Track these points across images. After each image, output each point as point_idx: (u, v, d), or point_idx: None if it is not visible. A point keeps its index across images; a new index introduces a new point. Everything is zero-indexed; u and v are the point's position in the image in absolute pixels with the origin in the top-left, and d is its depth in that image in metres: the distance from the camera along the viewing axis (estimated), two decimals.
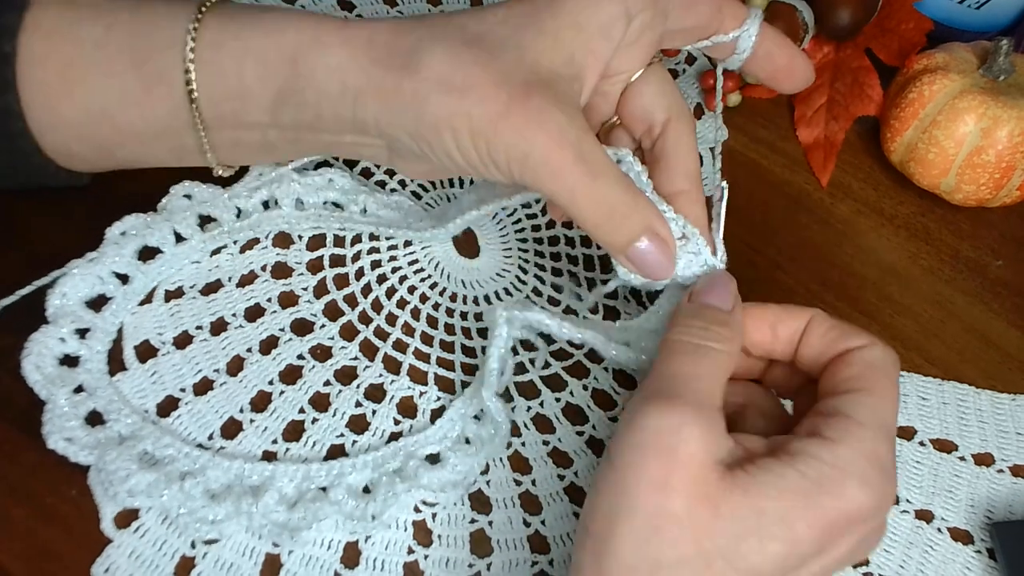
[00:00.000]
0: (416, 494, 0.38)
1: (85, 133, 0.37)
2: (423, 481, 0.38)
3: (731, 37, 0.38)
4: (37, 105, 0.36)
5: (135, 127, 0.37)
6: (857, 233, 0.51)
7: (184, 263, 0.43)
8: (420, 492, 0.38)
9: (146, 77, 0.35)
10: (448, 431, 0.40)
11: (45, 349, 0.39)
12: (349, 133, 0.36)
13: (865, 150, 0.54)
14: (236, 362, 0.41)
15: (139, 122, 0.36)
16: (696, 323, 0.34)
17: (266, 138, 0.37)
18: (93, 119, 0.36)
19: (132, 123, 0.36)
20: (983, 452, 0.44)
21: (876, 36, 0.54)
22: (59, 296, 0.40)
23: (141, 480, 0.36)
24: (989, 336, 0.48)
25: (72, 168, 0.38)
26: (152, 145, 0.37)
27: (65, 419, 0.37)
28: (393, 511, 0.38)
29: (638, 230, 0.35)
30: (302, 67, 0.34)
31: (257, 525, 0.37)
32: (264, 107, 0.35)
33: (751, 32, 0.38)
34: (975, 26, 0.56)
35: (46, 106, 0.36)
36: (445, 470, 0.38)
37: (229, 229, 0.43)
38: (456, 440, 0.40)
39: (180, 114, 0.36)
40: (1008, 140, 0.47)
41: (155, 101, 0.36)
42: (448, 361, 0.43)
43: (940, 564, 0.41)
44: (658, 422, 0.31)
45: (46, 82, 0.35)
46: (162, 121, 0.36)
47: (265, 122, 0.36)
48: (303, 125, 0.36)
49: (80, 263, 0.40)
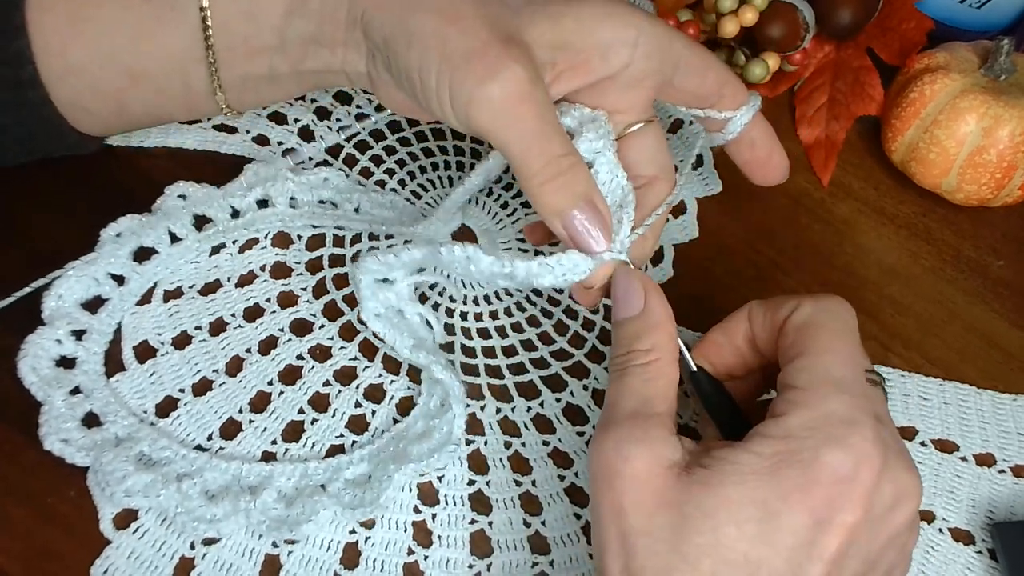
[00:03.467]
0: (407, 469, 0.38)
1: (97, 79, 0.37)
2: (412, 455, 0.38)
3: (723, 116, 0.39)
4: (48, 51, 0.36)
5: (146, 67, 0.37)
6: (858, 233, 0.51)
7: (180, 263, 0.43)
8: (412, 466, 0.38)
9: (159, 7, 0.36)
10: (430, 406, 0.40)
11: (41, 351, 0.39)
12: (340, 46, 0.37)
13: (866, 150, 0.54)
14: (235, 362, 0.41)
15: (150, 60, 0.37)
16: (619, 350, 0.34)
17: (272, 66, 0.38)
18: (105, 60, 0.36)
19: (143, 63, 0.37)
20: (984, 452, 0.43)
21: (877, 35, 0.54)
22: (55, 298, 0.40)
23: (138, 480, 0.36)
24: (990, 336, 0.47)
25: (83, 129, 0.38)
26: (162, 89, 0.38)
27: (62, 421, 0.37)
28: (390, 493, 0.38)
29: (579, 195, 0.34)
30: None
31: (255, 522, 0.36)
32: (274, 25, 0.36)
33: (742, 119, 0.39)
34: (976, 25, 0.55)
35: (57, 51, 0.36)
36: (431, 439, 0.39)
37: (224, 228, 0.43)
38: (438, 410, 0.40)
39: (192, 47, 0.36)
40: (1009, 139, 0.47)
41: (168, 32, 0.36)
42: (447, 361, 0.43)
43: (941, 565, 0.40)
44: (600, 449, 0.32)
45: (56, 27, 0.35)
46: (174, 56, 0.37)
47: (273, 45, 0.37)
48: (306, 39, 0.37)
49: (76, 264, 0.40)
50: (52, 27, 0.35)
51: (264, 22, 0.36)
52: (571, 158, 0.34)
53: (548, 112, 0.34)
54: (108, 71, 0.37)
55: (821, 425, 0.30)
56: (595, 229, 0.34)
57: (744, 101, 0.39)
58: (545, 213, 0.35)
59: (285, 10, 0.36)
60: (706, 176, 0.51)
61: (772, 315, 0.35)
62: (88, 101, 0.37)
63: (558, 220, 0.35)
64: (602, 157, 0.36)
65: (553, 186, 0.34)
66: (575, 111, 0.37)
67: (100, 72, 0.37)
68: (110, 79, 0.37)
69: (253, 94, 0.40)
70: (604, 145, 0.36)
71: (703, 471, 0.30)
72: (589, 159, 0.36)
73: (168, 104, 0.39)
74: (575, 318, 0.45)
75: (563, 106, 0.38)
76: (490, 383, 0.43)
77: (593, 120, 0.37)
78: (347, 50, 0.37)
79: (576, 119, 0.37)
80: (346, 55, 0.37)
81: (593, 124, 0.37)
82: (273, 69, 0.38)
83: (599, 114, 0.37)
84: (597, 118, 0.37)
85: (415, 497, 0.39)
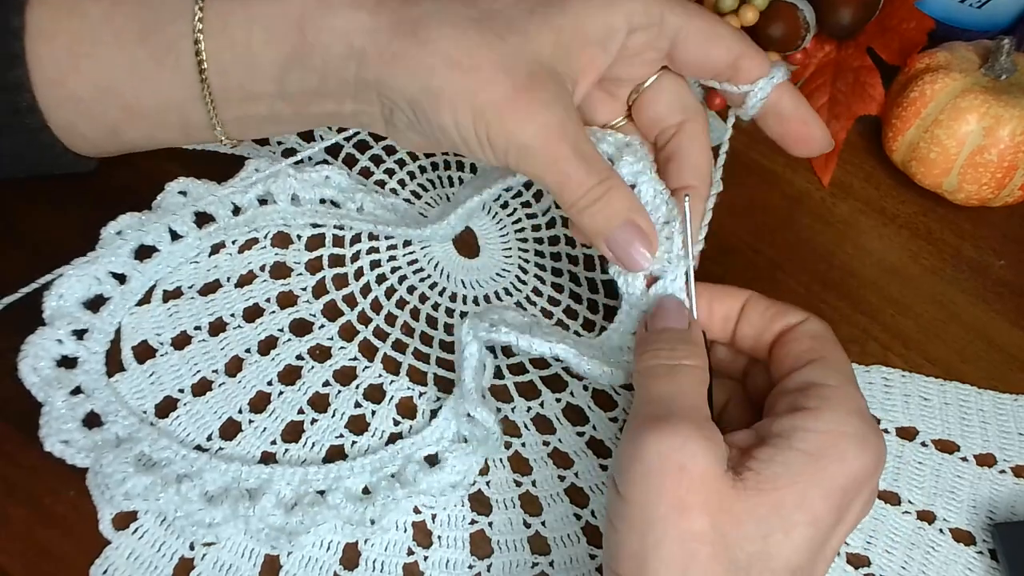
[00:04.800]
0: (415, 500, 0.38)
1: (93, 110, 0.37)
2: (422, 486, 0.38)
3: (740, 91, 0.37)
4: (46, 81, 0.36)
5: (143, 102, 0.37)
6: (858, 233, 0.51)
7: (181, 261, 0.43)
8: (419, 498, 0.38)
9: (155, 49, 0.36)
10: (444, 431, 0.40)
11: (42, 351, 0.38)
12: (350, 100, 0.36)
13: (866, 149, 0.54)
14: (235, 363, 0.41)
15: (148, 97, 0.36)
16: (662, 345, 0.34)
17: (272, 110, 0.37)
18: (102, 95, 0.36)
19: (140, 98, 0.36)
20: (985, 453, 0.43)
21: (877, 35, 0.53)
22: (56, 297, 0.40)
23: (138, 483, 0.36)
24: (991, 336, 0.47)
25: (79, 151, 0.38)
26: (160, 121, 0.38)
27: (62, 421, 0.37)
28: (392, 515, 0.38)
29: (618, 217, 0.35)
30: (309, 31, 0.35)
31: (254, 529, 0.36)
32: (272, 75, 0.36)
33: (760, 93, 0.37)
34: (977, 25, 0.55)
35: (55, 81, 0.36)
36: (444, 472, 0.38)
37: (225, 226, 0.43)
38: (453, 439, 0.40)
39: (189, 87, 0.36)
40: (1010, 139, 0.47)
41: (164, 74, 0.36)
42: (448, 361, 0.43)
43: (942, 565, 0.40)
44: (660, 446, 0.30)
45: (54, 57, 0.35)
46: (171, 95, 0.36)
47: (272, 92, 0.36)
48: (308, 91, 0.36)
49: (76, 264, 0.40)
50: (51, 59, 0.35)
51: (261, 72, 0.36)
52: (608, 182, 0.35)
53: (582, 143, 0.35)
54: (105, 104, 0.37)
55: (856, 420, 0.32)
56: (639, 246, 0.36)
57: (763, 73, 0.37)
58: (589, 237, 0.36)
59: (283, 63, 0.35)
60: None
61: (776, 314, 0.36)
62: (84, 129, 0.37)
63: (602, 242, 0.36)
64: (643, 177, 0.37)
65: (592, 211, 0.35)
66: (610, 137, 0.38)
67: (97, 105, 0.37)
68: (107, 111, 0.37)
69: (254, 130, 0.39)
70: (644, 167, 0.37)
71: (753, 475, 0.30)
72: (631, 181, 0.37)
73: (165, 134, 0.39)
74: (575, 318, 0.45)
75: (597, 133, 0.38)
76: (490, 383, 0.42)
77: (628, 144, 0.38)
78: (357, 103, 0.36)
79: (612, 145, 0.38)
80: (356, 107, 0.37)
81: (629, 148, 0.37)
82: (274, 112, 0.38)
83: (633, 139, 0.38)
84: (631, 143, 0.38)
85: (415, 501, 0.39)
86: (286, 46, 0.35)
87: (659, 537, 0.29)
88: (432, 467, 0.39)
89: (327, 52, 0.35)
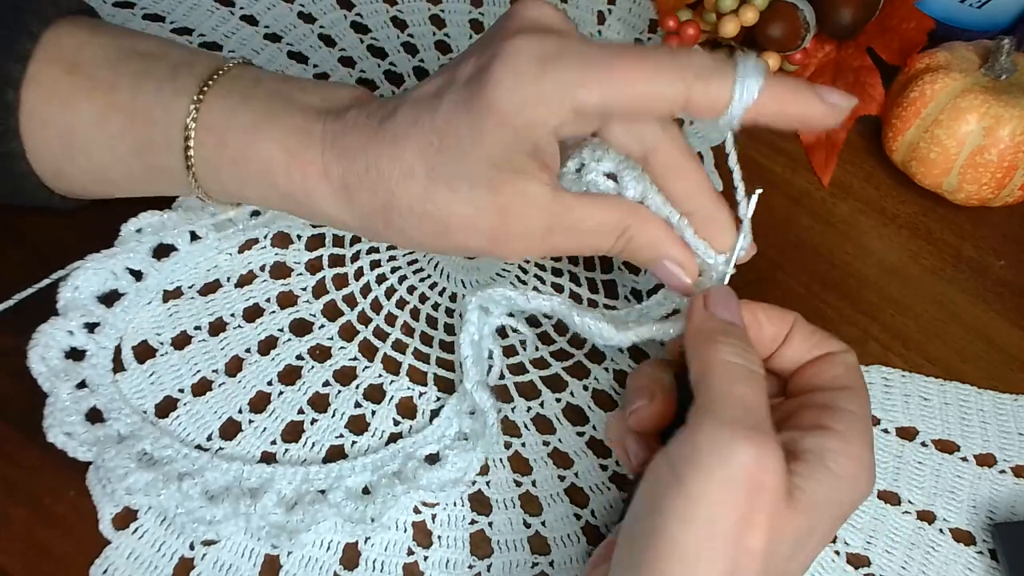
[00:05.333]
0: (415, 495, 0.38)
1: (88, 186, 0.39)
2: (422, 482, 0.38)
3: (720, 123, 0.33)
4: (40, 159, 0.37)
5: (139, 190, 0.39)
6: (858, 233, 0.51)
7: (199, 261, 0.43)
8: (419, 494, 0.38)
9: (148, 167, 0.37)
10: (445, 429, 0.40)
11: (53, 341, 0.39)
12: None
13: (867, 149, 0.54)
14: (235, 362, 0.41)
15: (143, 190, 0.39)
16: (736, 343, 0.33)
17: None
18: (96, 180, 0.38)
19: (135, 189, 0.39)
20: (985, 453, 0.43)
21: (877, 35, 0.53)
22: (71, 289, 0.40)
23: (139, 479, 0.36)
24: (991, 336, 0.47)
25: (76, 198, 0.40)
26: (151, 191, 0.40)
27: (66, 414, 0.37)
28: (392, 513, 0.38)
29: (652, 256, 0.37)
30: (300, 205, 0.37)
31: (255, 527, 0.36)
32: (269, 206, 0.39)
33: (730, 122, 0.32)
34: (977, 25, 0.55)
35: (49, 161, 0.37)
36: (444, 469, 0.38)
37: (244, 227, 0.43)
38: (454, 438, 0.40)
39: (185, 191, 0.39)
40: (1010, 139, 0.47)
41: (158, 183, 0.39)
42: (448, 361, 0.43)
43: (942, 565, 0.40)
44: (749, 458, 0.29)
45: (48, 144, 0.36)
46: (170, 191, 0.40)
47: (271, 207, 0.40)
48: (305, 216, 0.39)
49: (95, 257, 0.40)
50: (43, 140, 0.36)
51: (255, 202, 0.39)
52: (626, 234, 0.36)
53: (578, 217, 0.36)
54: (101, 185, 0.39)
55: (868, 453, 0.33)
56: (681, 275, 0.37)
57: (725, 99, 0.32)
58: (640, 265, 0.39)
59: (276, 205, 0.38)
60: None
61: (820, 340, 0.36)
62: (78, 193, 0.40)
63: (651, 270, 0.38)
64: (649, 199, 0.37)
65: (627, 255, 0.38)
66: (610, 154, 0.37)
67: (93, 184, 0.39)
68: (105, 190, 0.39)
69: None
70: (646, 188, 0.37)
71: (803, 497, 0.31)
72: (639, 198, 0.37)
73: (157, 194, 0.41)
74: None
75: (597, 152, 0.37)
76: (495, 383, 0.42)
77: (625, 161, 0.37)
78: None
79: (614, 160, 0.37)
80: None
81: (627, 164, 0.37)
82: None
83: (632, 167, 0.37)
84: (627, 160, 0.37)
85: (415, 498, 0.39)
86: (277, 199, 0.37)
87: (720, 546, 0.29)
88: (432, 465, 0.39)
89: (322, 217, 0.37)
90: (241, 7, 0.52)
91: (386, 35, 0.53)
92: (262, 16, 0.52)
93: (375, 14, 0.54)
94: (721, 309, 0.35)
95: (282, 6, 0.53)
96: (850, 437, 0.32)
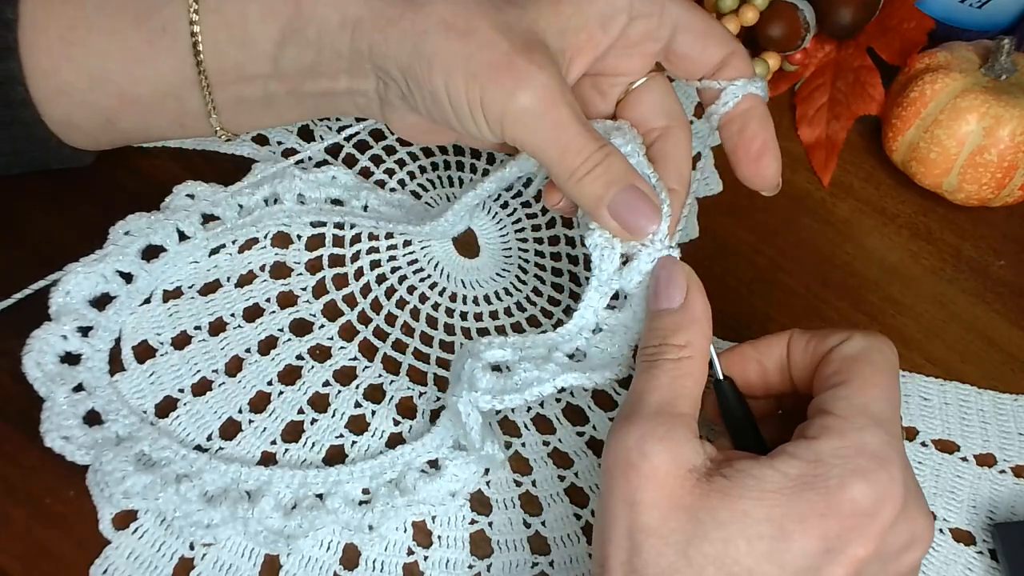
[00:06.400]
0: (415, 508, 0.38)
1: (88, 99, 0.37)
2: (421, 495, 0.38)
3: (719, 86, 0.37)
4: (39, 72, 0.35)
5: (138, 89, 0.36)
6: (858, 233, 0.51)
7: (188, 261, 0.43)
8: (419, 507, 0.38)
9: (150, 32, 0.35)
10: (444, 438, 0.40)
11: (47, 346, 0.39)
12: (344, 75, 0.36)
13: (867, 149, 0.54)
14: (235, 362, 0.41)
15: (142, 83, 0.36)
16: (651, 341, 0.34)
17: (267, 91, 0.37)
18: (96, 83, 0.36)
19: (135, 85, 0.36)
20: (985, 453, 0.43)
21: (877, 35, 0.54)
22: (62, 294, 0.40)
23: (137, 482, 0.36)
24: (991, 336, 0.47)
25: (74, 143, 0.38)
26: (155, 109, 0.37)
27: (63, 418, 0.37)
28: (391, 523, 0.38)
29: (619, 180, 0.35)
30: (304, 3, 0.35)
31: (253, 531, 0.36)
32: (267, 52, 0.36)
33: (738, 91, 0.37)
34: (977, 25, 0.55)
35: (48, 72, 0.36)
36: (443, 479, 0.38)
37: (232, 226, 0.43)
38: (453, 446, 0.39)
39: (184, 70, 0.36)
40: (1010, 139, 0.47)
41: (160, 56, 0.36)
42: (448, 361, 0.43)
43: (942, 565, 0.40)
44: (620, 441, 0.31)
45: (48, 47, 0.35)
46: (166, 80, 0.36)
47: (267, 72, 0.36)
48: (303, 69, 0.36)
49: (85, 261, 0.40)
50: (43, 48, 0.35)
51: (256, 49, 0.36)
52: (606, 148, 0.35)
53: (577, 107, 0.35)
54: (98, 93, 0.36)
55: (852, 455, 0.30)
56: (643, 209, 0.34)
57: (746, 75, 0.37)
58: (589, 205, 0.35)
59: (279, 38, 0.35)
60: (706, 176, 0.51)
61: (817, 344, 0.35)
62: (79, 119, 0.37)
63: (604, 208, 0.35)
64: (633, 158, 0.37)
65: (592, 176, 0.34)
66: (597, 124, 0.37)
67: (91, 94, 0.36)
68: (101, 100, 0.37)
69: (248, 117, 0.39)
70: (633, 149, 0.37)
71: (723, 480, 0.30)
72: None
73: (160, 124, 0.39)
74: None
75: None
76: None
77: (618, 128, 0.38)
78: (352, 79, 0.36)
79: (601, 129, 0.37)
80: (351, 83, 0.37)
81: (618, 131, 0.37)
82: (269, 93, 0.38)
83: (622, 123, 0.38)
84: (621, 126, 0.38)
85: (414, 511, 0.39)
86: (281, 19, 0.35)
87: (611, 526, 0.31)
88: (432, 474, 0.38)
89: (322, 23, 0.35)
90: None
91: None
92: None
93: None
94: (655, 299, 0.35)
95: None
96: (819, 441, 0.30)
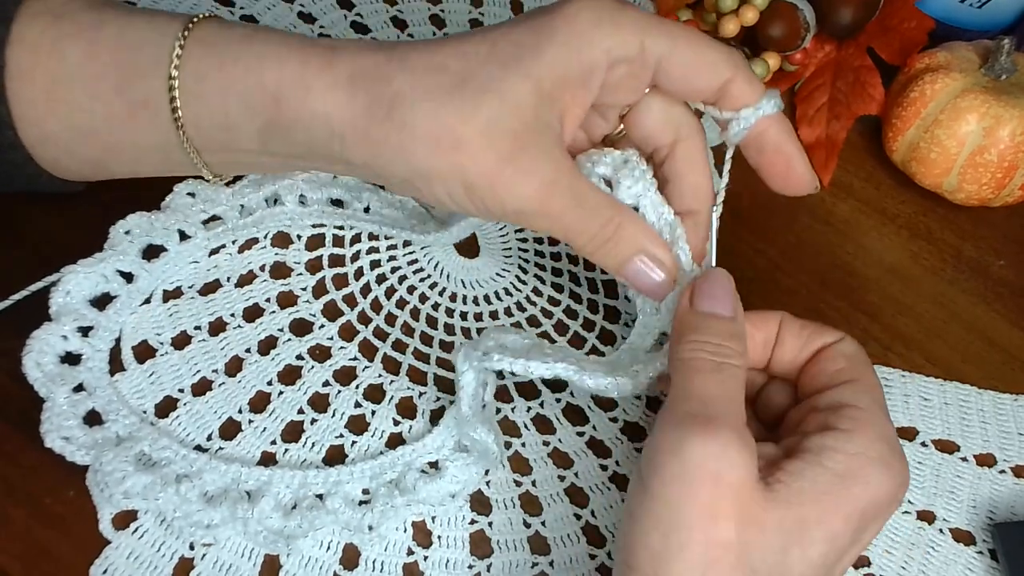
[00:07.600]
0: (415, 508, 0.38)
1: (74, 149, 0.37)
2: (421, 495, 0.38)
3: (723, 117, 0.36)
4: (26, 120, 0.36)
5: (123, 145, 0.37)
6: (858, 233, 0.51)
7: (189, 261, 0.43)
8: (419, 507, 0.38)
9: (131, 102, 0.35)
10: (445, 439, 0.40)
11: (47, 346, 0.38)
12: (341, 165, 0.36)
13: (867, 149, 0.54)
14: (235, 362, 0.41)
15: (127, 142, 0.36)
16: (710, 339, 0.33)
17: (259, 160, 0.37)
18: (81, 137, 0.36)
19: (120, 142, 0.36)
20: (985, 453, 0.43)
21: (878, 35, 0.53)
22: (63, 294, 0.40)
23: (137, 482, 0.36)
24: (991, 336, 0.47)
25: (66, 178, 0.38)
26: (142, 160, 0.38)
27: (63, 418, 0.37)
28: (391, 523, 0.38)
29: (630, 252, 0.36)
30: (286, 109, 0.34)
31: (252, 531, 0.36)
32: (252, 137, 0.35)
33: (743, 123, 0.36)
34: (977, 25, 0.55)
35: (34, 121, 0.36)
36: (443, 480, 0.38)
37: (233, 227, 0.43)
38: (454, 448, 0.39)
39: (168, 136, 0.36)
40: (1010, 139, 0.47)
41: (141, 125, 0.36)
42: (448, 361, 0.43)
43: (942, 565, 0.40)
44: (703, 450, 0.30)
45: (33, 99, 0.35)
46: (151, 141, 0.36)
47: (255, 149, 0.36)
48: (293, 155, 0.36)
49: (85, 261, 0.40)
50: (28, 99, 0.35)
51: (241, 133, 0.35)
52: (615, 221, 0.36)
53: (579, 188, 0.35)
54: (85, 145, 0.36)
55: (883, 446, 0.32)
56: (656, 275, 0.36)
57: (751, 101, 0.35)
58: (611, 272, 0.37)
59: (264, 130, 0.35)
60: None
61: (811, 334, 0.36)
62: (67, 163, 0.37)
63: (620, 275, 0.37)
64: (644, 199, 0.37)
65: (603, 251, 0.36)
66: (607, 158, 0.37)
67: (77, 145, 0.36)
68: (88, 151, 0.37)
69: (242, 170, 0.40)
70: (644, 188, 0.37)
71: (783, 488, 0.30)
72: (632, 203, 0.37)
73: (153, 168, 0.39)
74: (575, 318, 0.45)
75: (593, 156, 0.37)
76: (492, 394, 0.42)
77: (626, 163, 0.37)
78: (349, 169, 0.36)
79: (609, 165, 0.37)
80: (348, 170, 0.37)
81: (627, 167, 0.37)
82: (260, 162, 0.38)
83: (630, 154, 0.37)
84: (629, 159, 0.37)
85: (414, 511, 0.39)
86: (264, 116, 0.35)
87: (684, 541, 0.29)
88: (432, 474, 0.38)
89: (308, 131, 0.34)
90: (241, 7, 0.52)
91: (386, 35, 0.53)
92: (262, 16, 0.52)
93: (375, 14, 0.54)
94: (705, 301, 0.35)
95: (282, 6, 0.53)
96: (854, 434, 0.32)
